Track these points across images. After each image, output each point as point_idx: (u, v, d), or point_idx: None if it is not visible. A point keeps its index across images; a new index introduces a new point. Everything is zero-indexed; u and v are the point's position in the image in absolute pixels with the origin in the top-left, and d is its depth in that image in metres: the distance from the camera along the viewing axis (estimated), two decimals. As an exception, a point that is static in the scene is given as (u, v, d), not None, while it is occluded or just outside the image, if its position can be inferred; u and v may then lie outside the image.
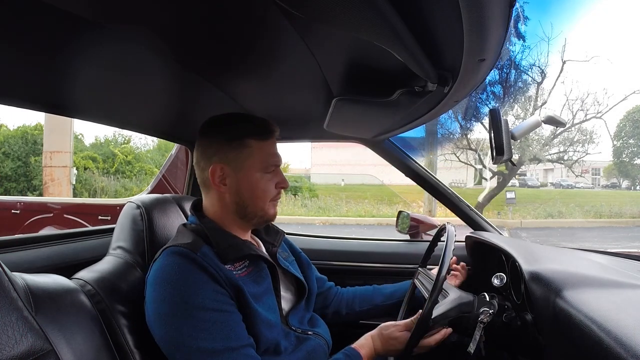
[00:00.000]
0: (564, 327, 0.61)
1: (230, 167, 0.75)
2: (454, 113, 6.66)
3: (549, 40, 6.84)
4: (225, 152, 0.74)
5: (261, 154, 0.75)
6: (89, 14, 0.48)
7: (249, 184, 0.75)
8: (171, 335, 0.62)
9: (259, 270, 0.77)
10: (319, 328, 0.88)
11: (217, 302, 0.64)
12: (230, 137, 0.74)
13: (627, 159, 12.42)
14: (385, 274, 1.35)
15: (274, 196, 0.78)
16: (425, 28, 0.47)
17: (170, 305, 0.63)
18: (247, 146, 0.74)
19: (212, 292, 0.64)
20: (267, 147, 0.76)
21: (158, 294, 0.64)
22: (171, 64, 0.67)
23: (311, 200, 10.53)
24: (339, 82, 0.75)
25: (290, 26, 0.52)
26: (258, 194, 0.76)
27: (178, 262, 0.66)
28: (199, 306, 0.62)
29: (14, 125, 10.23)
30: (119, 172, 9.73)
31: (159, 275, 0.66)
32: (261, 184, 0.76)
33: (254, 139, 0.75)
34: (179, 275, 0.64)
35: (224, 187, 0.76)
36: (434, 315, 0.79)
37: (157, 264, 0.68)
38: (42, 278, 0.61)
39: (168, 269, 0.66)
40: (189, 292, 0.63)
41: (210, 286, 0.65)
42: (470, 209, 1.35)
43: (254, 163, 0.75)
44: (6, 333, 0.46)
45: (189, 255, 0.67)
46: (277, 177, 0.79)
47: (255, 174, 0.75)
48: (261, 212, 0.78)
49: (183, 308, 0.62)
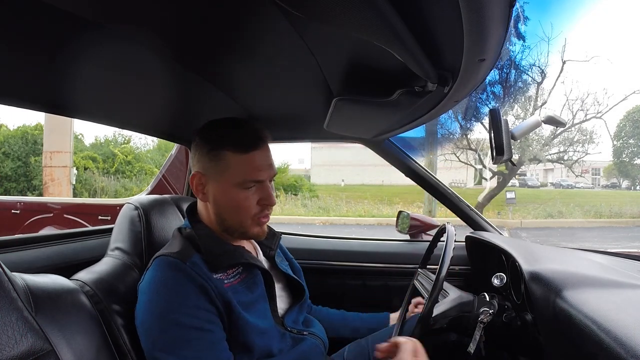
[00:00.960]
0: (564, 327, 0.61)
1: (208, 177, 0.72)
2: (454, 113, 6.67)
3: (549, 40, 6.86)
4: (204, 161, 0.72)
5: (238, 168, 0.70)
6: (89, 14, 0.48)
7: (225, 197, 0.71)
8: (147, 346, 0.63)
9: (252, 277, 0.75)
10: (314, 328, 0.88)
11: (196, 319, 0.63)
12: (209, 147, 0.71)
13: (627, 159, 12.44)
14: (385, 274, 1.36)
15: (255, 213, 0.73)
16: (425, 28, 0.47)
17: (151, 316, 0.63)
18: (223, 158, 0.70)
19: (193, 308, 0.63)
20: (247, 160, 0.70)
21: (143, 304, 0.65)
22: (171, 63, 0.67)
23: (311, 200, 10.54)
24: (339, 82, 0.75)
25: (290, 26, 0.52)
26: (236, 210, 0.72)
27: (165, 273, 0.66)
28: (175, 322, 0.61)
29: (14, 125, 10.23)
30: (119, 172, 9.73)
31: (146, 285, 0.66)
32: (238, 199, 0.71)
33: (231, 151, 0.69)
34: (164, 287, 0.64)
35: (204, 195, 0.74)
36: (434, 314, 0.79)
37: (148, 274, 0.68)
38: (42, 278, 0.61)
39: (155, 279, 0.66)
40: (170, 307, 0.62)
41: (193, 301, 0.63)
42: (470, 209, 1.35)
43: (230, 177, 0.70)
44: (6, 333, 0.46)
45: (177, 266, 0.66)
46: (260, 193, 0.72)
47: (232, 188, 0.70)
48: (241, 229, 0.74)
49: (161, 321, 0.62)
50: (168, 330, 0.61)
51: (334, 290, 1.36)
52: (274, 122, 1.13)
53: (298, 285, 0.88)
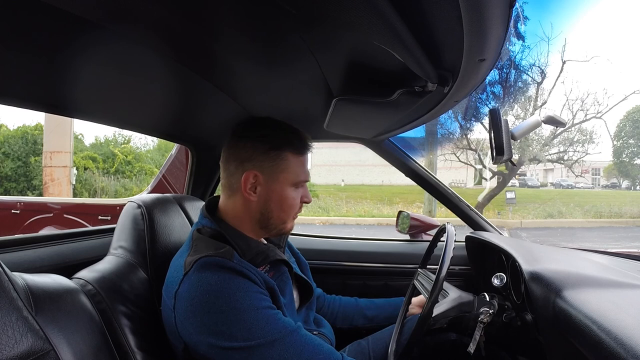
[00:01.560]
0: (564, 327, 0.61)
1: (264, 176, 0.73)
2: (454, 113, 6.67)
3: (549, 40, 6.86)
4: (261, 160, 0.72)
5: (296, 168, 0.74)
6: (89, 14, 0.48)
7: (279, 196, 0.74)
8: (222, 345, 0.60)
9: (281, 274, 0.77)
10: (324, 328, 0.89)
11: (264, 302, 0.65)
12: (269, 146, 0.72)
13: (627, 159, 12.45)
14: (385, 274, 1.36)
15: (297, 211, 0.79)
16: (425, 28, 0.47)
17: (218, 315, 0.60)
18: (284, 159, 0.73)
19: (257, 293, 0.64)
20: (302, 162, 0.76)
21: (200, 307, 0.61)
22: (171, 63, 0.67)
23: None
24: (339, 82, 0.75)
25: (290, 26, 0.52)
26: (285, 208, 0.75)
27: (217, 273, 0.63)
28: (249, 307, 0.61)
29: (14, 125, 10.24)
30: (119, 172, 9.74)
31: (198, 289, 0.62)
32: (290, 198, 0.75)
33: (292, 153, 0.74)
34: (222, 285, 0.62)
35: (254, 195, 0.73)
36: (434, 314, 0.79)
37: (192, 279, 0.64)
38: (42, 278, 0.61)
39: (207, 281, 0.62)
40: (237, 298, 0.61)
41: (254, 288, 0.65)
42: (470, 209, 1.35)
43: (288, 177, 0.74)
44: (6, 333, 0.46)
45: (225, 265, 0.65)
46: (303, 192, 0.79)
47: (287, 187, 0.74)
48: (282, 225, 0.77)
49: (233, 314, 0.60)
50: (246, 318, 0.60)
51: (334, 290, 1.36)
52: (274, 122, 1.13)
53: (306, 285, 0.88)
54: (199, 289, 0.62)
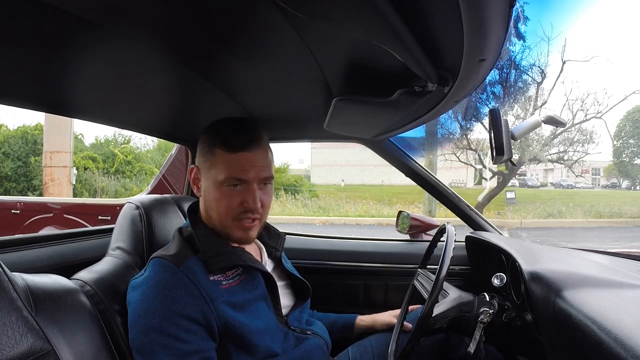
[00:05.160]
0: (564, 327, 0.61)
1: (201, 172, 0.75)
2: (454, 113, 6.66)
3: (549, 40, 6.85)
4: (200, 155, 0.75)
5: (225, 165, 0.71)
6: (89, 14, 0.48)
7: (211, 194, 0.73)
8: (132, 344, 0.64)
9: (252, 279, 0.75)
10: (317, 328, 0.88)
11: (174, 327, 0.63)
12: (206, 142, 0.74)
13: (627, 159, 12.45)
14: (385, 274, 1.36)
15: (236, 214, 0.72)
16: (425, 28, 0.47)
17: (136, 314, 0.64)
18: (214, 154, 0.72)
19: (176, 315, 0.63)
20: (233, 159, 0.71)
21: (132, 301, 0.66)
22: (171, 63, 0.67)
23: (311, 200, 10.53)
24: (339, 82, 0.75)
25: (290, 26, 0.52)
26: (220, 209, 0.72)
27: (157, 275, 0.66)
28: (155, 326, 0.62)
29: (14, 125, 10.23)
30: (119, 172, 9.73)
31: (138, 283, 0.67)
32: (219, 196, 0.72)
33: (220, 149, 0.71)
34: (154, 289, 0.65)
35: (198, 190, 0.77)
36: (434, 314, 0.79)
37: (144, 273, 0.69)
38: (42, 278, 0.61)
39: (147, 280, 0.66)
40: (154, 310, 0.63)
41: (179, 308, 0.63)
42: (470, 209, 1.35)
43: (216, 173, 0.71)
44: (6, 333, 0.46)
45: (170, 270, 0.66)
46: (245, 195, 0.71)
47: (217, 185, 0.72)
48: (225, 230, 0.74)
49: (143, 322, 0.63)
50: (147, 333, 0.62)
51: (334, 290, 1.36)
52: (274, 122, 1.13)
53: (303, 285, 0.88)
54: (141, 285, 0.67)
